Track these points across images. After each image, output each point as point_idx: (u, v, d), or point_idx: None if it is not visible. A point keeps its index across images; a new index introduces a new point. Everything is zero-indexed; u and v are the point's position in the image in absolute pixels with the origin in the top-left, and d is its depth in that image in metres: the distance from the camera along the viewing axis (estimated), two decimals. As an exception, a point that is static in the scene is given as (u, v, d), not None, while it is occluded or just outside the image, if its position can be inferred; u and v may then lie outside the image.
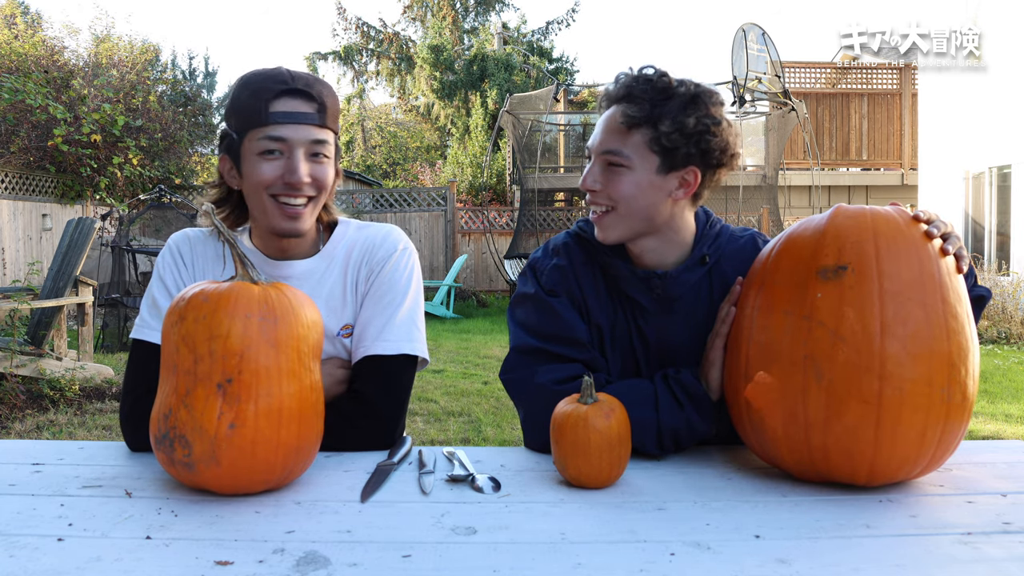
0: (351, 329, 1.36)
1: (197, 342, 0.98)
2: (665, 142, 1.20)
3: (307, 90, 1.25)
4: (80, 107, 9.98)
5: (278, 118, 1.23)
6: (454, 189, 12.74)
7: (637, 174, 1.22)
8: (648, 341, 1.31)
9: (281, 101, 1.23)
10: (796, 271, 1.06)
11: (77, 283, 5.60)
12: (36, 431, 4.31)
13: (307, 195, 1.27)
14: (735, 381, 1.13)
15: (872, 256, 1.02)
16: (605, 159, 1.24)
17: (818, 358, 1.00)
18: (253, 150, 1.24)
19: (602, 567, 0.80)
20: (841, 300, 1.00)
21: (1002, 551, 0.84)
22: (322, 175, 1.27)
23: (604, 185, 1.24)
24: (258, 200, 1.27)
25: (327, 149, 1.27)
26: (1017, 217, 9.28)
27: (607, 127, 1.24)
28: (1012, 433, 4.39)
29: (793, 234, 1.12)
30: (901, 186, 13.69)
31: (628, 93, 1.22)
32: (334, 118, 1.30)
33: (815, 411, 1.00)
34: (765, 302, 1.09)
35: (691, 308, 1.29)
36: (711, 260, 1.29)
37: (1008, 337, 7.89)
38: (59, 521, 0.91)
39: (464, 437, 4.21)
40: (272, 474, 1.01)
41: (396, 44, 22.70)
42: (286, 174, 1.23)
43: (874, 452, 1.00)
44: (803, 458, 1.04)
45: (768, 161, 12.19)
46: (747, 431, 1.13)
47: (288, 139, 1.23)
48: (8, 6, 12.99)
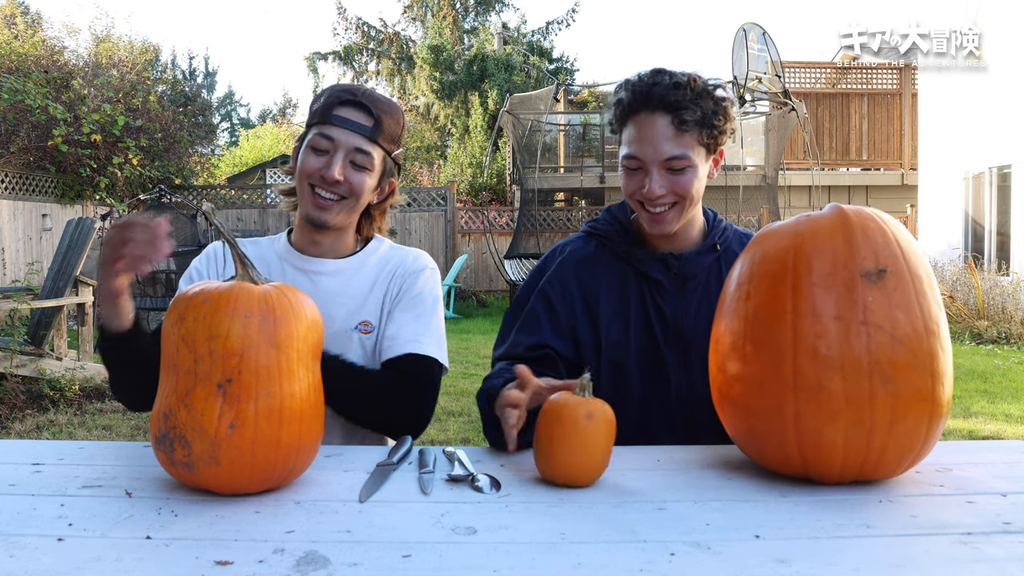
0: (370, 327, 1.47)
1: (197, 342, 0.98)
2: (708, 138, 1.34)
3: (369, 105, 1.41)
4: (80, 107, 9.98)
5: (335, 120, 1.39)
6: (454, 189, 12.74)
7: (698, 169, 1.35)
8: (666, 318, 1.42)
9: (344, 108, 1.40)
10: (834, 274, 1.02)
11: (77, 283, 5.60)
12: (36, 431, 4.31)
13: (339, 194, 1.41)
14: (778, 392, 1.03)
15: (900, 256, 1.03)
16: (668, 165, 1.33)
17: (882, 362, 0.99)
18: (309, 143, 1.42)
19: (602, 567, 0.80)
20: (890, 303, 1.01)
21: (1002, 551, 0.84)
22: (357, 181, 1.41)
23: (670, 188, 1.34)
24: (301, 186, 1.43)
25: (369, 162, 1.41)
26: (1017, 217, 9.28)
27: (660, 135, 1.31)
28: (1012, 433, 4.39)
29: (805, 232, 1.06)
30: (901, 186, 13.69)
31: (672, 100, 1.30)
32: (389, 138, 1.45)
33: (881, 415, 0.99)
34: (803, 308, 1.02)
35: (704, 289, 1.42)
36: (721, 248, 1.46)
37: (1008, 337, 7.89)
38: (59, 521, 0.91)
39: (464, 437, 4.21)
40: (272, 474, 1.01)
41: (396, 44, 22.70)
42: (324, 168, 1.39)
43: (921, 448, 1.04)
44: (854, 463, 1.02)
45: (768, 161, 12.19)
46: (778, 441, 1.05)
47: (336, 139, 1.39)
48: (8, 6, 12.97)
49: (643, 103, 1.33)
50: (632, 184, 1.37)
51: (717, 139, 1.36)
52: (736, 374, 1.09)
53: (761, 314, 1.07)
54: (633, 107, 1.34)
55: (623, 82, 1.37)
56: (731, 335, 1.11)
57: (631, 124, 1.35)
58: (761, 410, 1.06)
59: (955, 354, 7.07)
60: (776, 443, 1.05)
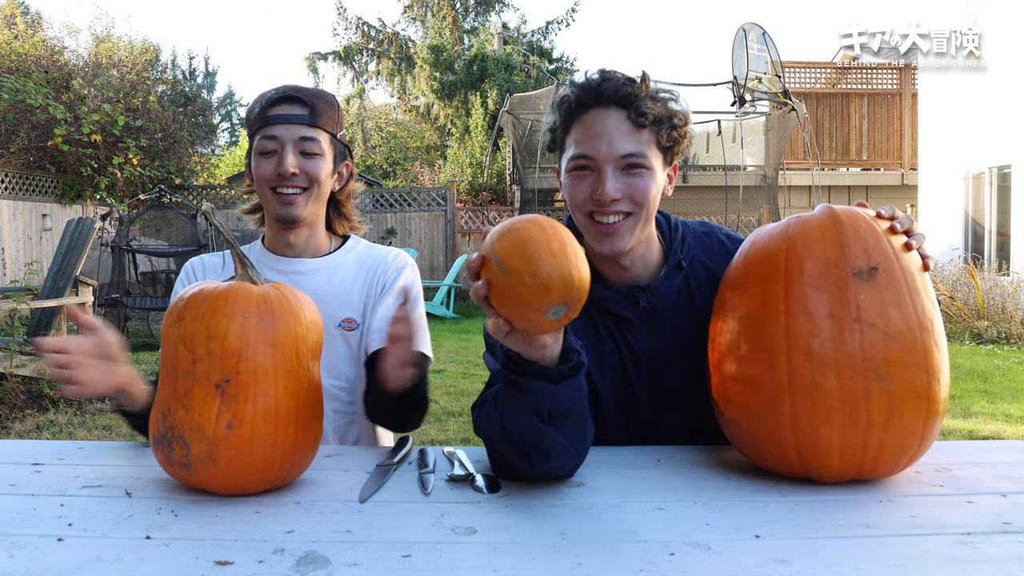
0: (354, 324, 1.49)
1: (195, 342, 0.98)
2: (668, 140, 1.20)
3: (299, 96, 1.44)
4: (80, 107, 9.98)
5: (272, 119, 1.42)
6: (454, 189, 12.73)
7: (656, 175, 1.20)
8: (639, 356, 1.28)
9: (278, 107, 1.43)
10: (826, 274, 1.03)
11: (77, 283, 5.60)
12: (36, 431, 4.31)
13: (299, 185, 1.43)
14: (774, 392, 1.03)
15: (891, 254, 1.04)
16: (624, 163, 1.17)
17: (876, 360, 0.99)
18: (256, 150, 1.44)
19: (602, 567, 0.80)
20: (882, 300, 1.01)
21: (1002, 551, 0.84)
22: (312, 169, 1.43)
23: (625, 192, 1.18)
24: (262, 193, 1.46)
25: (317, 147, 1.44)
26: (1017, 217, 9.28)
27: (615, 130, 1.17)
28: (1012, 433, 4.39)
29: (796, 234, 1.07)
30: (901, 186, 13.69)
31: (626, 94, 1.17)
32: (329, 120, 1.47)
33: (878, 413, 0.99)
34: (795, 307, 1.03)
35: (675, 315, 1.28)
36: (686, 263, 1.29)
37: (1008, 337, 7.89)
38: (59, 521, 0.91)
39: (464, 437, 4.21)
40: (270, 474, 1.01)
41: (396, 44, 22.69)
42: (278, 166, 1.41)
43: (919, 445, 1.04)
44: (852, 462, 1.02)
45: (768, 161, 12.19)
46: (776, 441, 1.05)
47: (279, 136, 1.42)
48: (8, 6, 12.98)
49: (594, 99, 1.18)
50: (581, 190, 1.19)
51: (675, 144, 1.21)
52: (732, 375, 1.10)
53: (755, 315, 1.07)
54: (583, 103, 1.19)
55: (567, 83, 1.23)
56: (726, 337, 1.12)
57: (578, 124, 1.20)
58: (758, 411, 1.06)
59: (955, 354, 7.10)
60: (774, 443, 1.06)
